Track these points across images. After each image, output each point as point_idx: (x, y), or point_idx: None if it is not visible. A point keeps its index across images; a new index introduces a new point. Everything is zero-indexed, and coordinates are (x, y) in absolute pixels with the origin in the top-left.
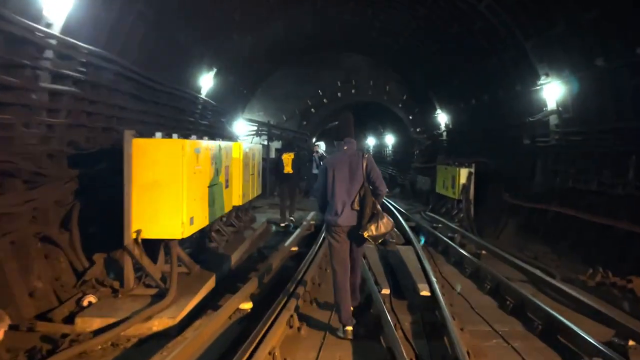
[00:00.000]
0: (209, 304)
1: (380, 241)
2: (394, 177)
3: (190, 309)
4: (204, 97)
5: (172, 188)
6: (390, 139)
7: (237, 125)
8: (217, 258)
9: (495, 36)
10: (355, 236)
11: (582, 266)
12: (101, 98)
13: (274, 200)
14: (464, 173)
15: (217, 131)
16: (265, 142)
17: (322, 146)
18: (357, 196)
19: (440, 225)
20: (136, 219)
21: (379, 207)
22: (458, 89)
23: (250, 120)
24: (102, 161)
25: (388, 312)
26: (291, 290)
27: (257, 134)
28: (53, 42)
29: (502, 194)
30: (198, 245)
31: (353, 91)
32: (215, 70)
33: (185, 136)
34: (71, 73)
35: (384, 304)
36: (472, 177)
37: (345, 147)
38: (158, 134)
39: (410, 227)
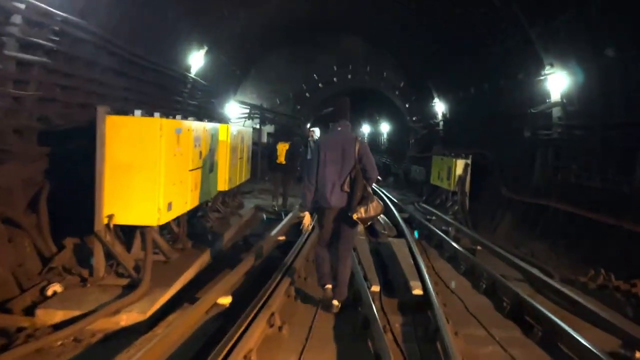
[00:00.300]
0: (185, 297)
1: (369, 224)
2: (388, 166)
3: (164, 302)
4: (193, 76)
5: (148, 170)
6: (385, 127)
7: (228, 108)
8: (199, 246)
9: (499, 22)
10: (344, 218)
11: (582, 267)
12: (78, 71)
13: (264, 185)
14: (460, 164)
15: (207, 112)
16: (258, 126)
17: (317, 132)
18: (348, 178)
19: (434, 217)
20: (108, 202)
21: (369, 189)
22: (457, 77)
23: (243, 103)
24: (77, 139)
25: (377, 312)
26: (274, 284)
27: (249, 117)
28: (21, 6)
29: (500, 187)
30: (179, 231)
31: (349, 76)
32: (206, 48)
33: (169, 116)
34: (42, 42)
35: (373, 302)
36: (469, 168)
37: (339, 129)
38: (137, 112)
39: (403, 218)
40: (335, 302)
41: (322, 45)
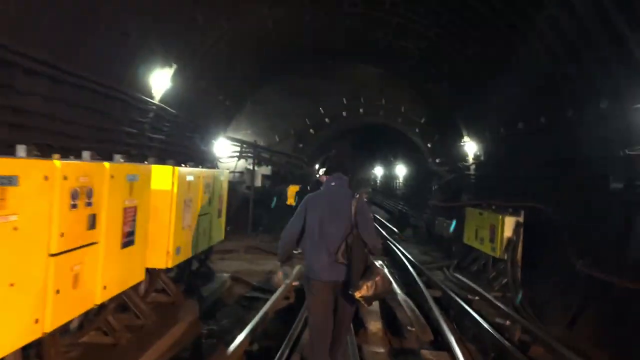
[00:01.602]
0: None
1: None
2: (405, 215)
3: None
4: (157, 103)
5: None
6: (401, 170)
7: (217, 146)
8: None
9: (576, 31)
10: (342, 296)
11: None
12: None
13: (254, 241)
14: (509, 222)
15: (181, 150)
16: (251, 167)
17: None
18: (344, 245)
19: (477, 297)
20: None
21: (372, 260)
22: (497, 109)
23: (233, 139)
24: None
25: None
26: None
27: (241, 156)
28: None
29: (571, 259)
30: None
31: (361, 110)
32: (174, 67)
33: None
34: None
35: None
36: (521, 229)
37: (333, 183)
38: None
39: (434, 298)
40: None
41: (329, 75)
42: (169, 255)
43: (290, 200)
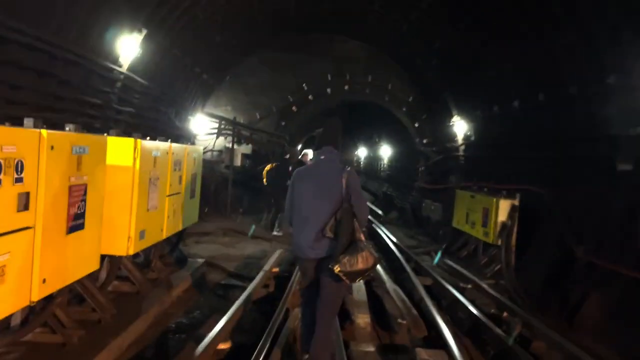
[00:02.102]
0: None
1: (358, 281)
2: (390, 197)
3: None
4: (124, 71)
5: None
6: (386, 151)
7: (194, 122)
8: None
9: None
10: (325, 272)
11: None
12: None
13: (234, 223)
14: (504, 206)
15: (153, 124)
16: (230, 145)
17: (310, 154)
18: (333, 220)
19: (469, 285)
20: None
21: (360, 235)
22: (491, 86)
23: (211, 115)
24: None
25: None
26: None
27: (219, 133)
28: None
29: (572, 246)
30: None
31: (346, 87)
32: (144, 32)
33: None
34: None
35: None
36: (517, 213)
37: (322, 157)
38: None
39: (425, 286)
40: None
41: (313, 48)
42: (131, 240)
43: (264, 180)
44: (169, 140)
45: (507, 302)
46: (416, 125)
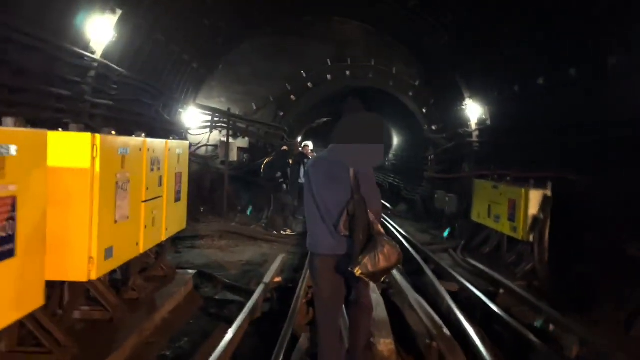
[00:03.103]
0: None
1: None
2: (397, 189)
3: None
4: (97, 58)
5: None
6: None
7: (186, 115)
8: None
9: None
10: (346, 273)
11: None
12: None
13: (231, 224)
14: (535, 197)
15: (137, 119)
16: (225, 139)
17: (310, 146)
18: (345, 214)
19: (501, 290)
20: None
21: (378, 228)
22: (510, 62)
23: (203, 107)
24: None
25: None
26: None
27: (212, 126)
28: None
29: (626, 243)
30: None
31: (348, 73)
32: (119, 12)
33: None
34: None
35: None
36: (550, 205)
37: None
38: None
39: (450, 292)
40: None
41: (311, 31)
42: (93, 262)
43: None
44: (143, 135)
45: (552, 311)
46: (424, 110)
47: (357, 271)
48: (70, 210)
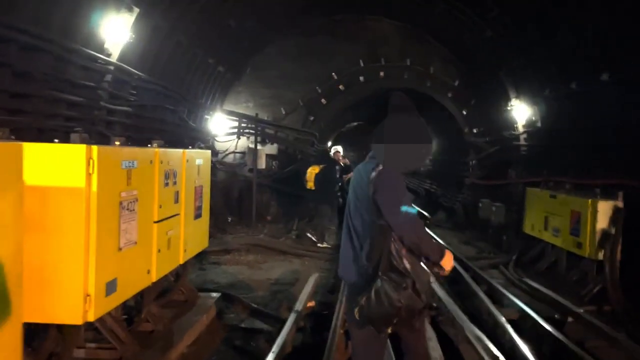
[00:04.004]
0: None
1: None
2: (435, 196)
3: None
4: (113, 61)
5: None
6: None
7: (212, 122)
8: None
9: None
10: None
11: None
12: None
13: (260, 235)
14: (604, 209)
15: (158, 125)
16: (252, 145)
17: (341, 152)
18: (369, 242)
19: (570, 318)
20: None
21: (403, 262)
22: (566, 55)
23: (230, 113)
24: None
25: None
26: None
27: (240, 132)
28: None
29: None
30: None
31: (381, 74)
32: (136, 11)
33: None
34: None
35: None
36: (622, 218)
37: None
38: None
39: (510, 321)
40: None
41: (341, 31)
42: (90, 300)
43: (310, 184)
44: (155, 145)
45: (633, 345)
46: (464, 112)
47: (356, 313)
48: (61, 239)
